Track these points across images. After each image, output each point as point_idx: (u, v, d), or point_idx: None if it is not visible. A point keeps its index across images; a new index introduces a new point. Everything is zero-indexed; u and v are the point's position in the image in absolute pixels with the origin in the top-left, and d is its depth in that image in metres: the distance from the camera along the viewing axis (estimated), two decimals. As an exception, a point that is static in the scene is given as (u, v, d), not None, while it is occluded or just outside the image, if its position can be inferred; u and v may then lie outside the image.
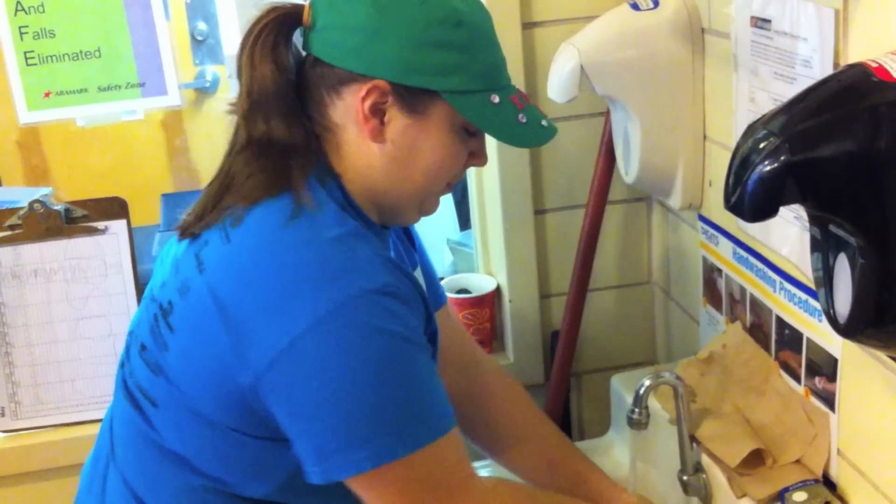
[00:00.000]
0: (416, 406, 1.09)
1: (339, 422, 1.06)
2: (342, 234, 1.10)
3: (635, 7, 1.52)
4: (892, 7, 1.02)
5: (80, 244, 1.75)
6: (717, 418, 1.41)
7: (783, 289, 1.34)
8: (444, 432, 1.10)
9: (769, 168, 0.90)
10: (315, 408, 1.06)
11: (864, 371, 1.17)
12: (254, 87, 1.14)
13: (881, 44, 1.03)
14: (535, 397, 1.56)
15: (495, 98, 1.14)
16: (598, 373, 1.89)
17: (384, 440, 1.06)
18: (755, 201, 0.92)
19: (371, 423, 1.06)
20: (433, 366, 1.14)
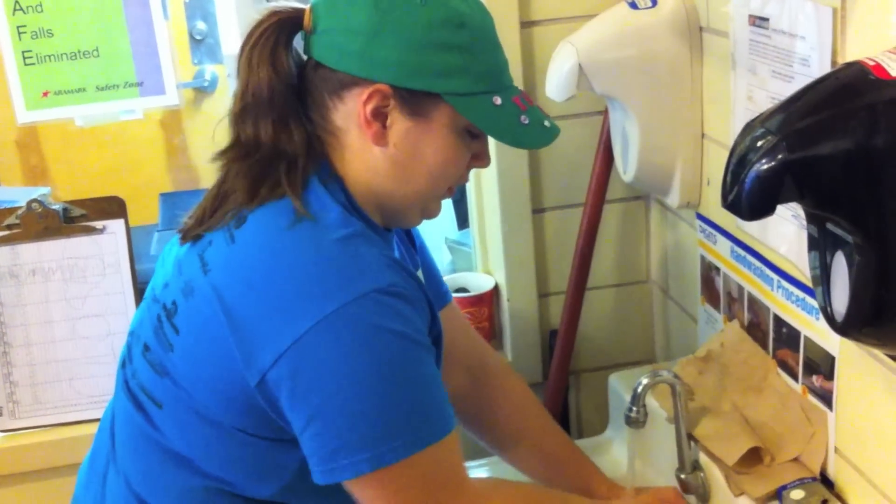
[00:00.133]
0: (417, 408, 1.09)
1: (340, 422, 1.06)
2: (347, 235, 1.10)
3: (633, 6, 1.52)
4: (889, 6, 1.02)
5: (78, 244, 1.75)
6: (715, 417, 1.41)
7: (781, 287, 1.34)
8: (444, 434, 1.10)
9: (766, 166, 0.90)
10: (318, 407, 1.06)
11: (862, 369, 1.17)
12: (248, 90, 1.14)
13: (879, 42, 1.03)
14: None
15: (498, 100, 1.14)
16: (597, 371, 1.89)
17: (385, 442, 1.06)
18: (752, 199, 0.92)
19: (372, 425, 1.06)
20: (435, 367, 1.13)
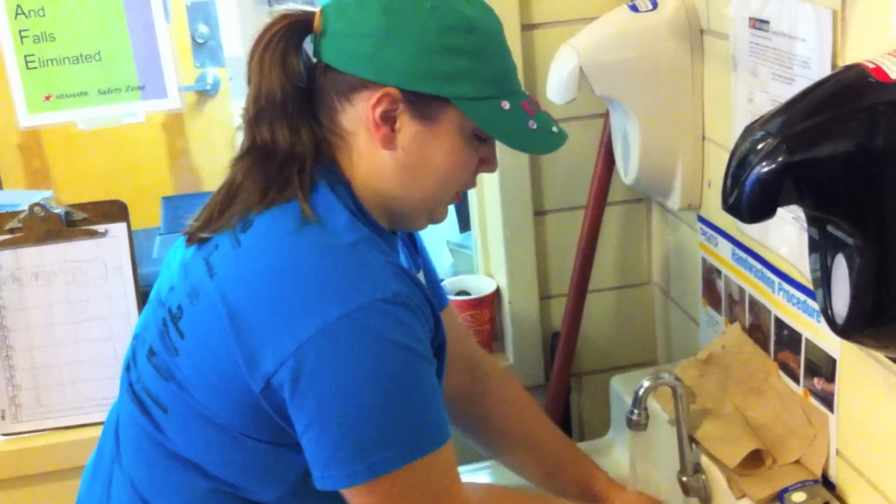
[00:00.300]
0: (414, 418, 1.09)
1: (337, 430, 1.06)
2: (354, 242, 1.10)
3: (634, 8, 1.53)
4: (889, 8, 1.02)
5: (80, 247, 1.75)
6: (716, 419, 1.41)
7: (782, 289, 1.34)
8: (440, 444, 1.10)
9: (767, 169, 0.90)
10: (315, 413, 1.06)
11: (863, 371, 1.17)
12: (262, 93, 1.14)
13: (879, 45, 1.03)
14: (536, 398, 1.56)
15: (506, 104, 1.14)
16: (598, 374, 1.89)
17: (380, 452, 1.06)
18: (753, 202, 0.92)
19: (369, 435, 1.06)
20: (434, 378, 1.13)
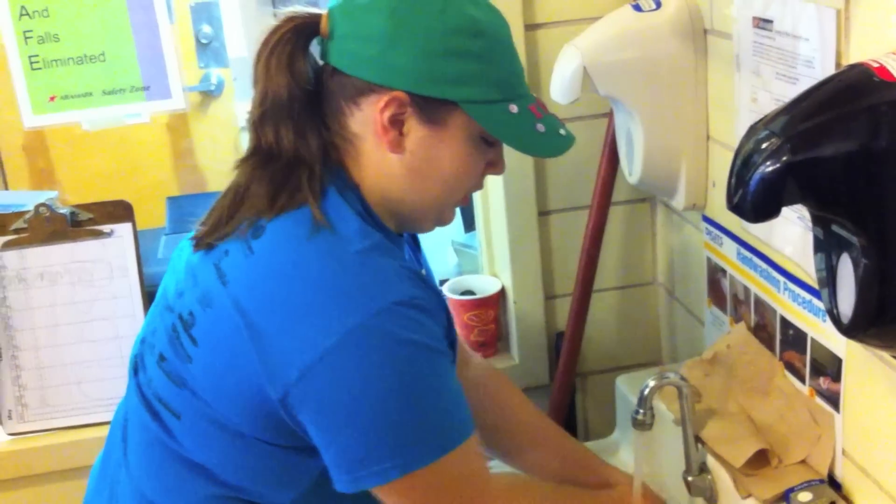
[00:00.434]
0: (441, 413, 1.11)
1: (369, 432, 1.07)
2: (367, 248, 1.10)
3: (637, 8, 1.52)
4: (893, 7, 1.02)
5: (85, 247, 1.75)
6: (721, 419, 1.41)
7: (787, 289, 1.34)
8: (466, 437, 1.11)
9: (771, 168, 0.90)
10: (346, 418, 1.07)
11: (869, 371, 1.16)
12: (267, 96, 1.14)
13: (882, 44, 1.03)
14: (540, 398, 1.56)
15: (514, 108, 1.14)
16: (603, 374, 1.89)
17: (413, 448, 1.07)
18: (757, 201, 0.92)
19: (400, 432, 1.07)
20: (454, 372, 1.15)
